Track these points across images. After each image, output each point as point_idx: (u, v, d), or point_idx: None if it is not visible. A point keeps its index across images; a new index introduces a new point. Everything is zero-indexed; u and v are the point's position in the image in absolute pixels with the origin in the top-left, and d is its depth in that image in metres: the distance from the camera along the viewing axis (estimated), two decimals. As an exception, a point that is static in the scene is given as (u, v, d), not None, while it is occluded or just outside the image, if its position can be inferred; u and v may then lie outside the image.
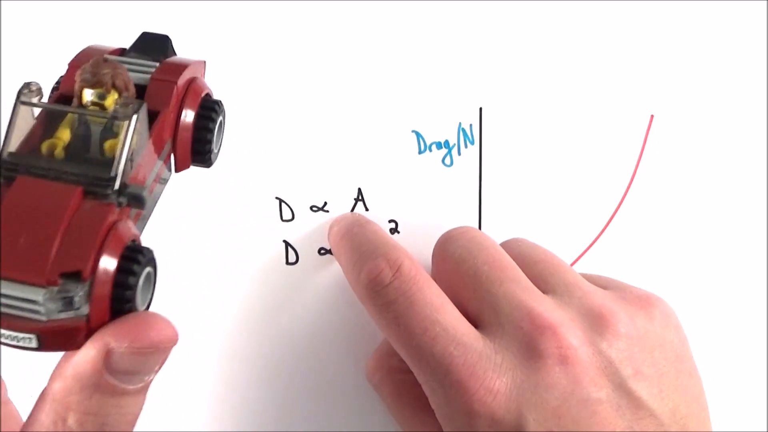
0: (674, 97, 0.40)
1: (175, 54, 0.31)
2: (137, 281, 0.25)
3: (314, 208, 0.39)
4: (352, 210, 0.39)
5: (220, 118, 0.31)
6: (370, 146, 0.39)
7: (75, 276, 0.24)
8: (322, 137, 0.39)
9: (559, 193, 0.40)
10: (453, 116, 0.39)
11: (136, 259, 0.25)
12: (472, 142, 0.39)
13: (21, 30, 0.38)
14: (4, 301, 0.24)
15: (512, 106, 0.39)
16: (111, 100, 0.26)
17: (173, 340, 0.26)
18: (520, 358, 0.31)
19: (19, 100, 0.26)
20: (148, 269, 0.26)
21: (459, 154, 0.39)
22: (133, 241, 0.26)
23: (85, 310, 0.24)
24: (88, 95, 0.26)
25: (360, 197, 0.39)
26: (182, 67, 0.29)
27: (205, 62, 0.31)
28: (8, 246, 0.24)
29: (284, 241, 0.39)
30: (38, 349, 0.24)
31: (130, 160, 0.26)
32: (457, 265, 0.34)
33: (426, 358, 0.31)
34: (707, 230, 0.41)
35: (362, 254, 0.35)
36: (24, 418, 0.28)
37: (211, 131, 0.30)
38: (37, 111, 0.27)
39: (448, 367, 0.31)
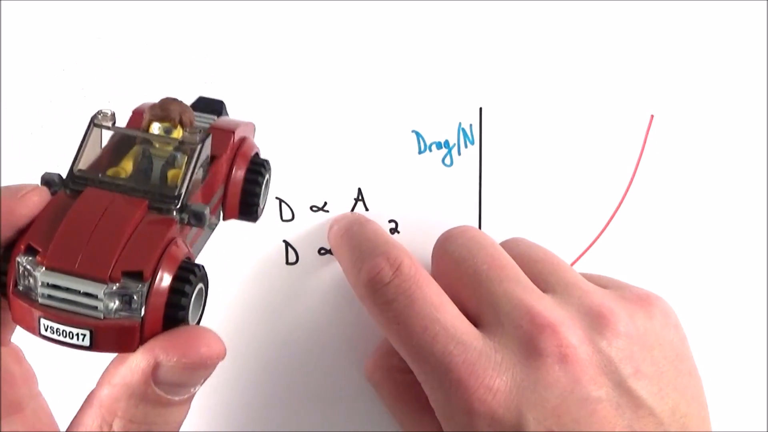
0: (674, 97, 0.40)
1: (228, 116, 0.33)
2: (192, 292, 0.26)
3: (314, 208, 0.39)
4: (352, 210, 0.39)
5: (267, 176, 0.33)
6: (370, 146, 0.39)
7: (136, 276, 0.25)
8: (322, 137, 0.39)
9: (559, 193, 0.40)
10: (453, 116, 0.39)
11: (193, 271, 0.26)
12: (472, 142, 0.39)
13: (21, 30, 0.38)
14: (63, 295, 0.25)
15: (512, 106, 0.39)
16: (176, 135, 0.28)
17: (221, 356, 0.26)
18: (520, 356, 0.31)
19: (93, 123, 0.28)
20: (200, 285, 0.27)
21: (459, 154, 0.39)
22: (188, 258, 0.27)
23: (141, 313, 0.25)
24: (155, 129, 0.28)
25: (360, 197, 0.39)
26: (236, 123, 0.32)
27: (254, 125, 0.33)
28: (74, 244, 0.25)
29: (284, 241, 0.39)
30: (90, 348, 0.25)
31: (190, 184, 0.27)
32: (456, 264, 0.34)
33: (426, 356, 0.31)
34: (707, 230, 0.41)
35: (362, 253, 0.35)
36: (53, 412, 0.28)
37: (259, 188, 0.32)
38: (106, 138, 0.29)
39: (448, 366, 0.31)
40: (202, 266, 0.27)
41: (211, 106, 0.33)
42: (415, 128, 0.39)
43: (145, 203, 0.26)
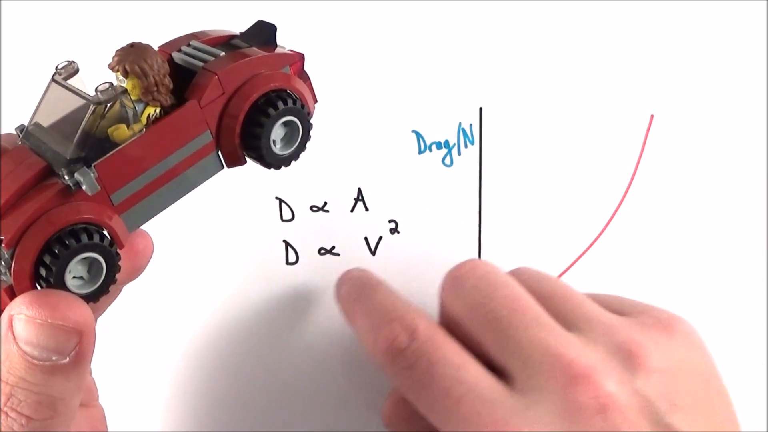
0: (674, 97, 0.40)
1: (275, 44, 0.30)
2: (61, 264, 0.25)
3: (314, 208, 0.39)
4: (352, 210, 0.39)
5: (290, 117, 0.29)
6: (370, 146, 0.39)
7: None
8: (322, 137, 0.39)
9: (559, 193, 0.40)
10: (453, 116, 0.39)
11: (63, 243, 0.25)
12: (472, 142, 0.39)
13: (21, 30, 0.37)
14: None
15: (512, 106, 0.39)
16: (129, 85, 0.26)
17: (80, 325, 0.25)
18: (556, 412, 0.29)
19: (53, 78, 0.27)
20: (86, 255, 0.26)
21: (459, 154, 0.39)
22: (89, 224, 0.26)
23: (8, 278, 0.25)
24: (114, 79, 0.27)
25: (360, 197, 0.39)
26: (241, 58, 0.28)
27: (299, 56, 0.30)
28: None
29: (284, 241, 0.39)
30: None
31: (74, 148, 0.26)
32: (471, 309, 0.32)
33: (453, 420, 0.30)
34: (707, 230, 0.41)
35: (376, 320, 0.33)
36: None
37: (260, 125, 0.28)
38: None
39: (477, 428, 0.29)
40: (95, 234, 0.26)
41: (262, 32, 0.30)
42: (415, 128, 0.39)
43: (42, 166, 0.26)
